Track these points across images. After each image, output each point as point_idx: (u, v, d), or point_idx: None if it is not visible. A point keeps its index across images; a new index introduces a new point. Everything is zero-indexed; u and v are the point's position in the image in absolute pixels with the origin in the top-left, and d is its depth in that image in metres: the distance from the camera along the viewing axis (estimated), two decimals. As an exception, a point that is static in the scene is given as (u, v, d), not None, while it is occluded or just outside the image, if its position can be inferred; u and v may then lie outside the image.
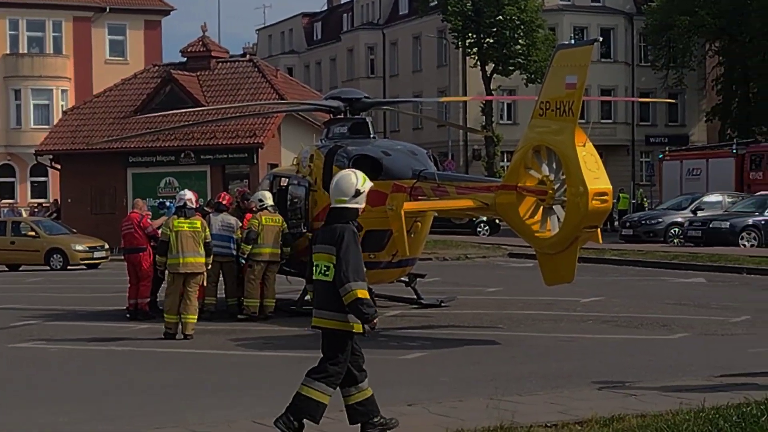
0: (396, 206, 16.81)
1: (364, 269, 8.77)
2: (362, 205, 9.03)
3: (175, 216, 16.86)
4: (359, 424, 8.90)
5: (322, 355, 8.91)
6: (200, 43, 42.75)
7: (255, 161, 38.52)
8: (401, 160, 18.42)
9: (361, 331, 8.75)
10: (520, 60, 59.44)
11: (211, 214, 19.18)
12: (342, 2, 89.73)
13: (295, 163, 21.00)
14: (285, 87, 42.28)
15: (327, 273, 8.74)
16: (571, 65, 14.47)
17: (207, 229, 16.98)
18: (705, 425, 8.61)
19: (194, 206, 17.05)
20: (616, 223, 47.82)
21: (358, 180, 8.98)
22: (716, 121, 64.10)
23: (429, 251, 31.65)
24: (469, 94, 65.68)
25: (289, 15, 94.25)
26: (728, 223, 34.76)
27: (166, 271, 16.87)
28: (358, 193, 8.94)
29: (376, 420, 8.88)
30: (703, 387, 10.89)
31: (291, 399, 8.76)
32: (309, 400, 8.70)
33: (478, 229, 46.43)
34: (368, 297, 8.63)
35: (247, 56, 46.94)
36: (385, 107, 45.18)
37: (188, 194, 17.05)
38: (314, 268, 8.90)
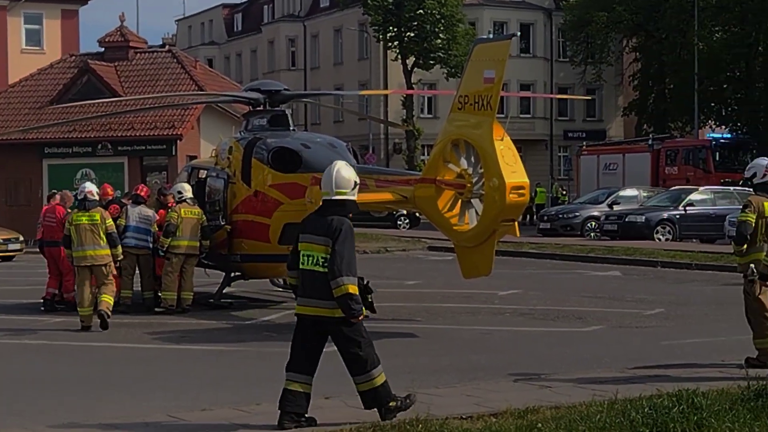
0: (315, 199, 16.67)
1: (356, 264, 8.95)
2: (356, 197, 9.29)
3: (76, 209, 16.66)
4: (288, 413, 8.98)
5: (291, 346, 9.11)
6: (118, 33, 42.18)
7: (173, 153, 38.15)
8: (321, 153, 18.33)
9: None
10: (440, 54, 59.70)
11: (128, 206, 18.98)
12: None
13: (213, 155, 20.85)
14: (204, 78, 41.93)
15: (325, 264, 8.87)
16: (489, 59, 14.56)
17: (108, 221, 16.70)
18: (617, 416, 8.74)
19: (96, 198, 16.89)
20: (534, 216, 48.27)
21: (352, 172, 9.19)
22: (633, 116, 64.97)
23: (349, 244, 31.63)
24: (389, 87, 65.80)
25: (209, 6, 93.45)
26: (644, 217, 35.25)
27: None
28: (356, 185, 9.21)
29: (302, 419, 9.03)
30: (616, 379, 11.06)
31: (363, 401, 9.07)
32: (375, 390, 8.96)
33: (399, 223, 46.50)
34: (357, 293, 8.84)
35: (166, 47, 46.32)
36: (305, 99, 45.02)
37: (89, 186, 16.87)
38: (306, 258, 9.00)
